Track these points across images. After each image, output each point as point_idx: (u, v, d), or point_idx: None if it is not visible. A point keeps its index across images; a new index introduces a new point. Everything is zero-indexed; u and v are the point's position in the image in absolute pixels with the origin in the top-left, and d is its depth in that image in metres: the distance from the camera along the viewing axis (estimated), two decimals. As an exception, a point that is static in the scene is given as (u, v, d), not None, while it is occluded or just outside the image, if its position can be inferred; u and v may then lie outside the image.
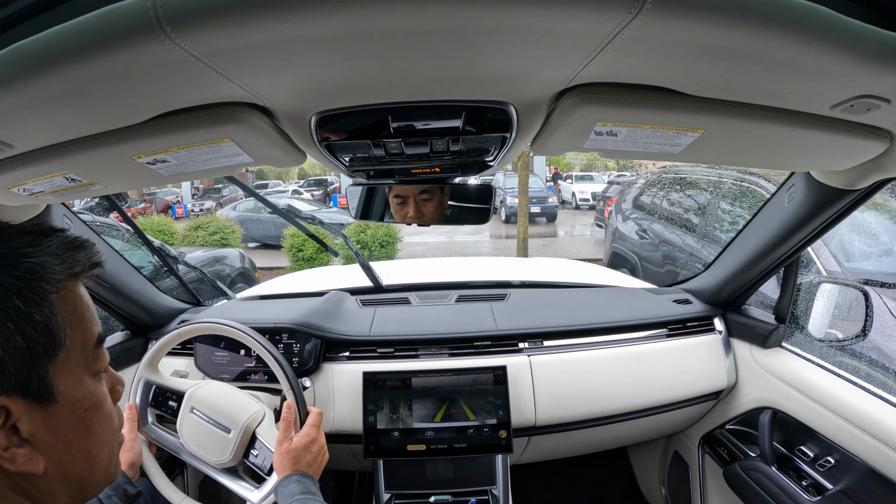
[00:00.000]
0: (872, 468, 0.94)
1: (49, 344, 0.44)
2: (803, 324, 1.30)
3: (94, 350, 0.49)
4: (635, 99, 0.54)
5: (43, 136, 0.58)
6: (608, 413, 1.27)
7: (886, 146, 0.63)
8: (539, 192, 11.74)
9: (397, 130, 0.65)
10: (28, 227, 0.48)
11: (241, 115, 0.56)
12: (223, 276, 5.08)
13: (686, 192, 4.20)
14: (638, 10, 0.36)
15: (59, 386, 0.45)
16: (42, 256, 0.45)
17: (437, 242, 9.80)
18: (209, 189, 18.11)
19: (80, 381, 0.47)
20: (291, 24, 0.37)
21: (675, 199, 4.29)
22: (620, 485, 1.93)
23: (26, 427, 0.43)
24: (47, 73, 0.41)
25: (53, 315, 0.45)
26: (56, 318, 0.45)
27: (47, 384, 0.44)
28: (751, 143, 0.65)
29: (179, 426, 1.06)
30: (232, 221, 8.99)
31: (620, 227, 4.98)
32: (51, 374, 0.45)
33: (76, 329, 0.47)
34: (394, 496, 1.19)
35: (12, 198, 0.75)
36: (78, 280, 0.49)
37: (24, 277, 0.44)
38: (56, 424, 0.45)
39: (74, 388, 0.47)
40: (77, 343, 0.47)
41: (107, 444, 0.51)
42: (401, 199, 1.00)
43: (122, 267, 1.27)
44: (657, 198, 4.56)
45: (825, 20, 0.39)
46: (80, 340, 0.48)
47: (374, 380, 1.22)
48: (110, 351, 1.28)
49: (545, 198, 11.89)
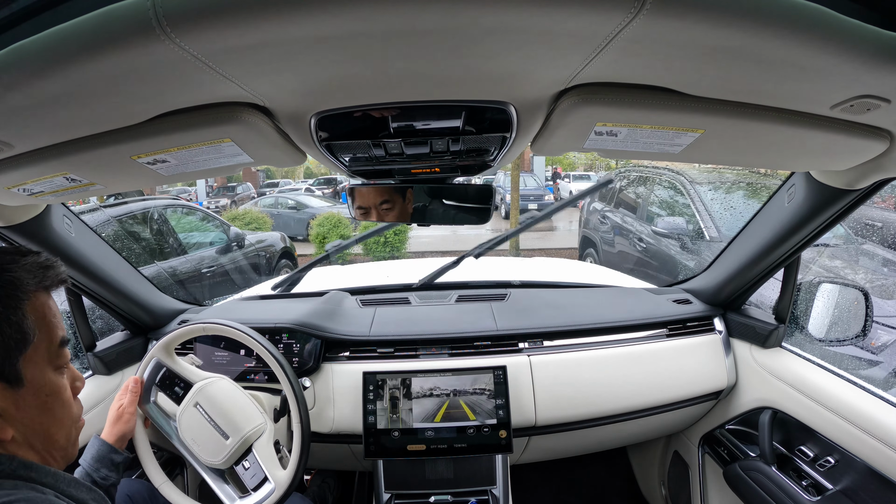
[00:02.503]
0: (872, 468, 0.94)
1: (21, 340, 0.57)
2: (803, 324, 1.30)
3: (57, 349, 0.62)
4: (635, 99, 0.54)
5: (43, 136, 0.58)
6: (608, 413, 1.27)
7: (886, 146, 0.63)
8: (536, 191, 12.45)
9: (397, 130, 0.65)
10: (10, 248, 0.62)
11: (241, 115, 0.56)
12: (273, 253, 5.90)
13: (632, 185, 5.29)
14: (638, 10, 0.36)
15: (27, 374, 0.58)
16: (19, 272, 0.59)
17: (443, 235, 10.37)
18: (223, 187, 18.46)
19: (43, 372, 0.60)
20: (291, 24, 0.37)
21: (624, 191, 5.38)
22: (620, 485, 1.93)
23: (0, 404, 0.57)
24: (47, 74, 0.41)
25: (25, 318, 0.57)
26: (27, 321, 0.58)
27: (17, 371, 0.57)
28: (751, 143, 0.65)
29: (179, 416, 1.06)
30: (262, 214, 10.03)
31: (587, 216, 6.03)
32: (20, 364, 0.57)
33: (43, 330, 0.60)
34: (394, 496, 1.19)
35: (12, 198, 0.75)
36: (48, 292, 0.62)
37: (3, 286, 0.57)
38: (23, 404, 0.58)
39: (39, 377, 0.60)
40: (43, 342, 0.60)
41: (64, 426, 0.64)
42: (363, 211, 0.96)
43: (122, 267, 1.27)
44: (613, 191, 5.56)
45: (825, 20, 0.39)
46: (46, 340, 0.60)
47: (374, 380, 1.22)
48: (110, 351, 1.30)
49: (542, 196, 12.50)
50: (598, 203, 5.77)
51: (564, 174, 18.42)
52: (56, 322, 0.62)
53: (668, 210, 4.49)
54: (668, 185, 4.60)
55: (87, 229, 1.13)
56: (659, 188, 4.77)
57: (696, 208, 4.01)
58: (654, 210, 4.70)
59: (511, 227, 8.99)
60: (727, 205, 4.00)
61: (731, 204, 4.03)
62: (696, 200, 4.05)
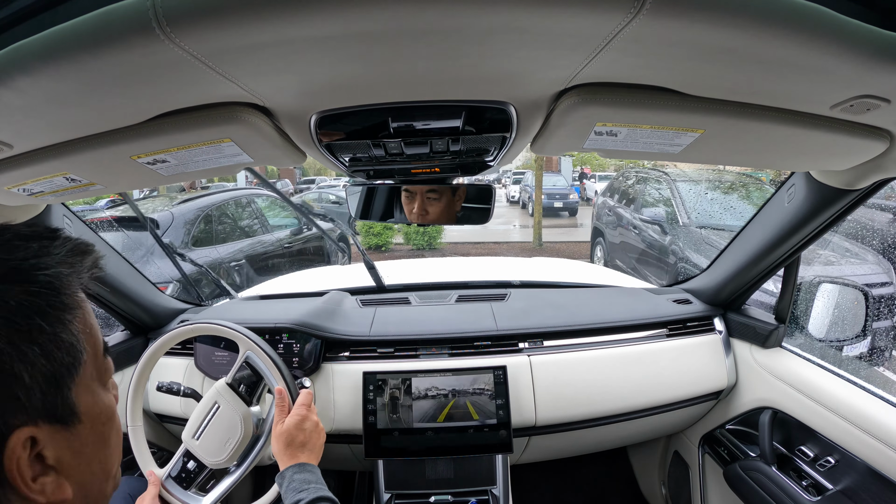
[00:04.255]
0: (872, 468, 0.94)
1: (72, 363, 0.41)
2: (803, 324, 1.30)
3: (103, 360, 0.47)
4: (635, 99, 0.54)
5: (43, 136, 0.58)
6: (608, 413, 1.27)
7: (886, 146, 0.63)
8: (562, 190, 12.93)
9: (397, 130, 0.65)
10: (25, 230, 0.43)
11: (241, 115, 0.56)
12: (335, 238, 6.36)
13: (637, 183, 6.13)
14: (638, 10, 0.36)
15: (81, 404, 0.42)
16: (55, 267, 0.41)
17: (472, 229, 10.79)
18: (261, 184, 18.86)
19: (96, 395, 0.45)
20: (291, 24, 0.37)
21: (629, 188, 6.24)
22: (620, 485, 1.93)
23: (52, 453, 0.40)
24: (47, 73, 0.41)
25: (76, 332, 0.42)
26: (77, 335, 0.42)
27: (71, 405, 0.41)
28: (751, 143, 0.65)
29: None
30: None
31: (598, 210, 6.92)
32: (73, 393, 0.41)
33: (89, 340, 0.44)
34: (394, 496, 1.19)
35: (12, 198, 0.75)
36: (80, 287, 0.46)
37: (42, 293, 0.39)
38: (79, 445, 0.43)
39: (93, 404, 0.44)
40: (90, 355, 0.44)
41: (118, 453, 0.49)
42: (408, 194, 1.00)
43: (122, 267, 1.27)
44: (621, 188, 6.46)
45: (825, 20, 0.39)
46: (92, 352, 0.44)
47: (375, 380, 1.22)
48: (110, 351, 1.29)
49: (567, 195, 12.92)
50: (609, 199, 6.56)
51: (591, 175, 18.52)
52: (96, 323, 0.47)
53: (656, 202, 5.42)
54: (656, 181, 5.61)
55: (87, 229, 1.13)
56: (651, 185, 5.74)
57: (675, 201, 4.97)
58: (649, 201, 5.60)
59: (534, 220, 9.50)
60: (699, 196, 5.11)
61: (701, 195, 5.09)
62: (675, 194, 5.01)
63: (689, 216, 4.72)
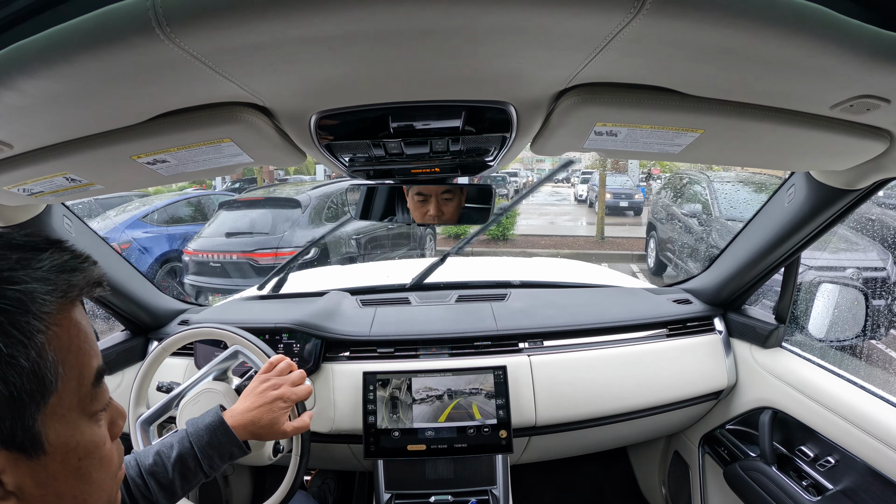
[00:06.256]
0: (872, 468, 0.94)
1: (37, 390, 0.38)
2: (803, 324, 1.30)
3: (90, 390, 0.42)
4: (635, 99, 0.54)
5: (43, 136, 0.58)
6: (608, 413, 1.27)
7: (886, 146, 0.63)
8: (628, 190, 12.94)
9: (397, 130, 0.65)
10: (19, 238, 0.40)
11: (241, 115, 0.56)
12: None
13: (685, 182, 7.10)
14: (637, 10, 0.36)
15: (50, 435, 0.39)
16: (30, 283, 0.38)
17: (541, 224, 11.23)
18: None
19: (73, 426, 0.41)
20: (291, 24, 0.37)
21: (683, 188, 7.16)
22: (620, 485, 1.93)
23: (11, 480, 0.38)
24: (47, 73, 0.41)
25: (42, 357, 0.38)
26: (45, 361, 0.38)
27: (34, 434, 0.38)
28: (751, 143, 0.65)
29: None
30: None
31: (654, 207, 7.81)
32: (39, 422, 0.38)
33: (71, 367, 0.40)
34: (394, 496, 1.19)
35: (12, 198, 0.75)
36: (75, 304, 0.43)
37: (8, 310, 0.36)
38: (45, 477, 0.39)
39: (67, 436, 0.40)
40: (71, 383, 0.40)
41: (105, 489, 0.45)
42: (422, 198, 1.00)
43: (122, 267, 1.27)
44: (678, 188, 7.34)
45: (825, 20, 0.39)
46: (76, 380, 0.41)
47: (375, 380, 1.22)
48: (110, 351, 1.29)
49: (632, 194, 12.89)
50: (665, 198, 7.49)
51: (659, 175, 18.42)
52: (88, 348, 0.43)
53: (696, 199, 6.38)
54: (697, 183, 6.53)
55: (87, 229, 1.13)
56: (695, 185, 6.65)
57: (710, 197, 5.87)
58: (691, 198, 6.57)
59: (598, 217, 9.80)
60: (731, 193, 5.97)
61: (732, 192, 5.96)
62: (711, 192, 5.92)
63: (720, 209, 5.64)
